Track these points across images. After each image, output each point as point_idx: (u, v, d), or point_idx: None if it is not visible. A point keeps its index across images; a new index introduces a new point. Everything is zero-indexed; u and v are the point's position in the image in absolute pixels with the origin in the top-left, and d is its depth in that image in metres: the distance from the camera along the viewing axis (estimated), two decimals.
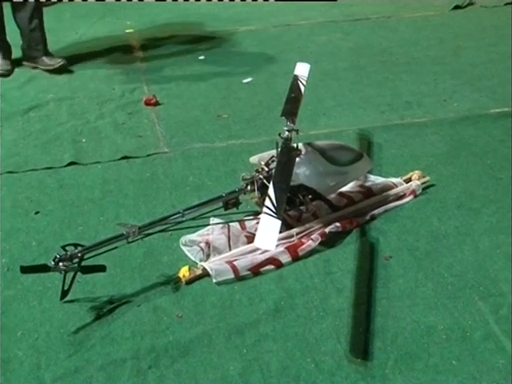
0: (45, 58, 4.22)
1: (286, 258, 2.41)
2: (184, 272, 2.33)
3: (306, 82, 2.75)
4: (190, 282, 2.32)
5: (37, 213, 2.74)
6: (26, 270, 2.20)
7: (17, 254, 2.48)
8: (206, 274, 2.34)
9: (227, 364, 2.00)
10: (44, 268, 2.16)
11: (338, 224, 2.54)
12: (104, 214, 2.73)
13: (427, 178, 2.85)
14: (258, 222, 2.49)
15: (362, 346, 2.06)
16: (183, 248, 2.48)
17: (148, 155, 3.18)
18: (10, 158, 3.17)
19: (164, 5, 5.54)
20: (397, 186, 2.80)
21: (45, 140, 3.36)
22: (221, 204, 2.48)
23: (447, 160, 3.08)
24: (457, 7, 5.34)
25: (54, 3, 5.50)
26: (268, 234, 2.00)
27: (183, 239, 2.50)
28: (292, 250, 2.43)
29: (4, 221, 2.67)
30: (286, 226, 2.53)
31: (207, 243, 2.46)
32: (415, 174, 2.85)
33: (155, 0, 5.60)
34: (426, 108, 3.64)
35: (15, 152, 3.23)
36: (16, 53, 4.25)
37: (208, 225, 2.51)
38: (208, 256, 2.42)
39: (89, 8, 5.48)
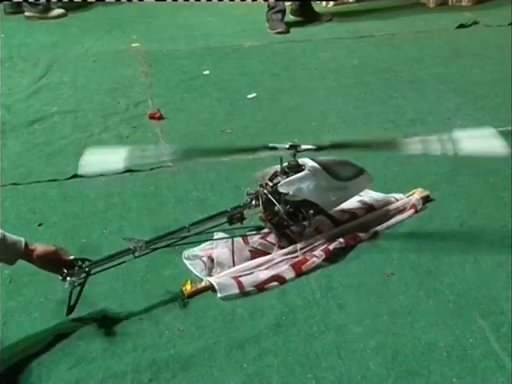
0: None
1: (290, 275, 2.41)
2: (186, 286, 2.33)
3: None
4: (191, 295, 2.32)
5: (40, 225, 2.75)
6: None
7: (19, 265, 2.48)
8: (208, 288, 2.34)
9: (228, 378, 1.99)
10: None
11: (341, 240, 2.54)
12: (107, 226, 2.74)
13: (427, 192, 2.85)
14: (261, 237, 2.51)
15: (362, 362, 2.06)
16: (186, 262, 2.48)
17: (152, 169, 3.18)
18: (14, 170, 3.18)
19: (170, 20, 5.58)
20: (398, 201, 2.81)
21: (49, 152, 3.37)
22: (225, 219, 2.49)
23: (450, 178, 3.07)
24: (461, 26, 5.34)
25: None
26: None
27: (186, 253, 2.50)
28: (297, 266, 2.43)
29: (7, 232, 2.67)
30: (289, 241, 2.54)
31: (210, 257, 2.46)
32: (417, 192, 2.85)
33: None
34: (429, 126, 3.64)
35: (19, 164, 3.25)
36: None
37: (212, 239, 2.52)
38: (210, 270, 2.42)
39: (95, 22, 5.53)
